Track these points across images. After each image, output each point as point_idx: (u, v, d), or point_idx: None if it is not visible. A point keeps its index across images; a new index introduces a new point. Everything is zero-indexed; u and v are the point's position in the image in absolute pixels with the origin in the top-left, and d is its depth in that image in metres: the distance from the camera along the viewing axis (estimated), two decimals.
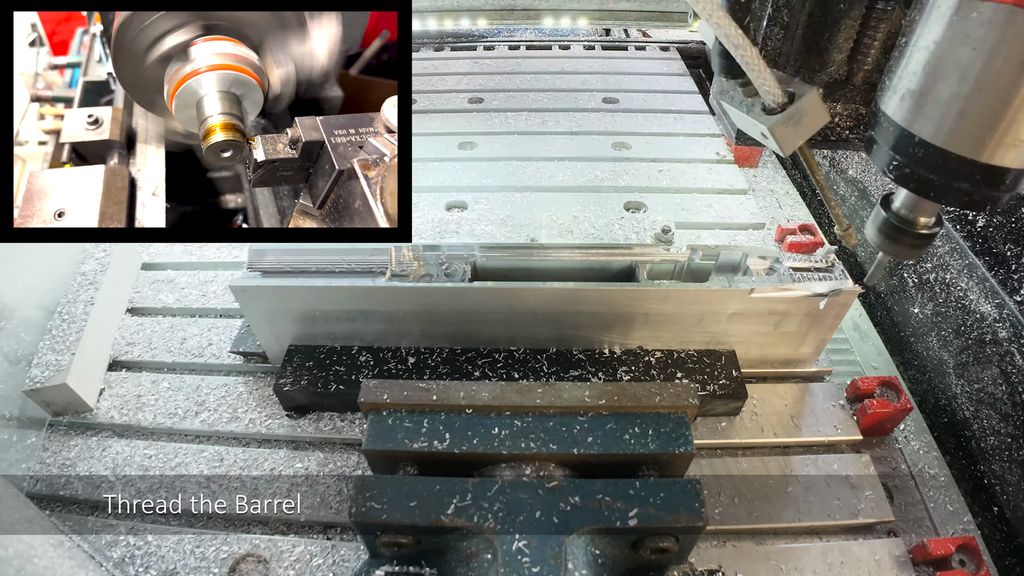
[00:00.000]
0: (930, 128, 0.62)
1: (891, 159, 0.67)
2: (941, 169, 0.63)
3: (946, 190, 0.65)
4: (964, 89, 0.58)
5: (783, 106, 0.72)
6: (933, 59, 0.60)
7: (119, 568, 0.91)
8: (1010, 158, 0.60)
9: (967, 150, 0.61)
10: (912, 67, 0.62)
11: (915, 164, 0.65)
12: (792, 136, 0.73)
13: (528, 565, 0.70)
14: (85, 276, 1.27)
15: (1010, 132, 0.58)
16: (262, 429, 1.09)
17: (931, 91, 0.61)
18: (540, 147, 1.82)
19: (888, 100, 0.66)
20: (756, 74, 0.69)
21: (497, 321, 1.06)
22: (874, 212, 0.78)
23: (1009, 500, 1.01)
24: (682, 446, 0.86)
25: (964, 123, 0.60)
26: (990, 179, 0.62)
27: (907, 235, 0.75)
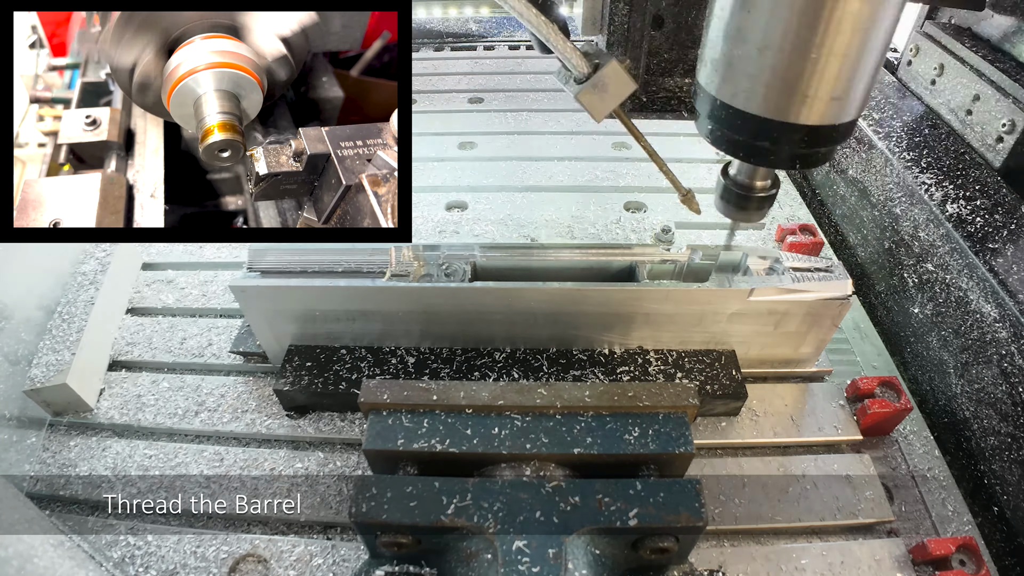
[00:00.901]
0: (729, 91, 0.65)
1: (707, 125, 0.71)
2: (746, 131, 0.66)
3: (755, 151, 0.68)
4: (749, 51, 0.61)
5: (588, 76, 0.77)
6: (722, 25, 0.63)
7: (119, 568, 0.91)
8: (803, 115, 0.62)
9: (763, 110, 0.63)
10: (711, 35, 0.65)
11: (726, 128, 0.68)
12: (600, 103, 0.79)
13: (528, 565, 0.70)
14: (85, 276, 1.27)
15: (796, 90, 0.60)
16: (262, 429, 1.09)
17: (726, 56, 0.64)
18: (540, 147, 1.82)
19: (700, 70, 0.69)
20: (559, 50, 0.74)
21: (497, 321, 1.06)
22: (716, 183, 0.82)
23: (1009, 500, 1.01)
24: (682, 446, 0.86)
25: (755, 84, 0.62)
26: (792, 137, 0.64)
27: (749, 200, 0.79)
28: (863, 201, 1.48)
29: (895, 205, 1.33)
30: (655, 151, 0.89)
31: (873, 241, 1.43)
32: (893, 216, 1.34)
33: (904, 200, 1.31)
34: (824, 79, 0.59)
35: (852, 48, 0.58)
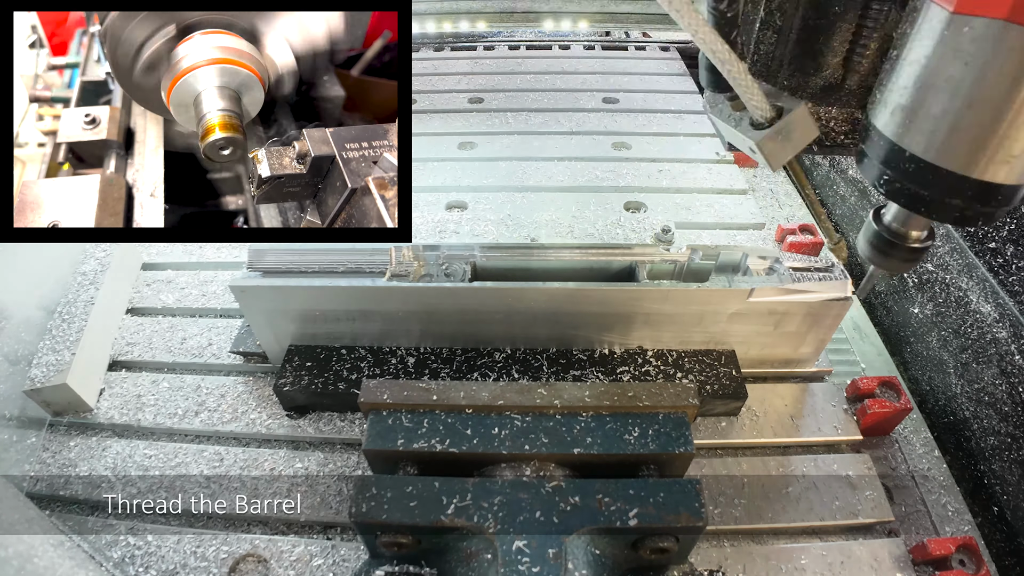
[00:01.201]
0: (921, 143, 0.61)
1: (881, 173, 0.66)
2: (932, 185, 0.62)
3: (937, 205, 0.64)
4: (955, 104, 0.57)
5: (771, 120, 0.71)
6: (923, 73, 0.59)
7: (119, 568, 0.91)
8: (1002, 174, 0.59)
9: (958, 166, 0.60)
10: (903, 81, 0.61)
11: (905, 179, 0.64)
12: (780, 151, 0.73)
13: (528, 565, 0.70)
14: (85, 276, 1.27)
15: (1002, 148, 0.57)
16: (262, 429, 1.09)
17: (922, 106, 0.60)
18: (540, 147, 1.82)
19: (879, 114, 0.65)
20: (743, 89, 0.69)
21: (497, 321, 1.06)
22: (865, 225, 0.78)
23: (1009, 500, 1.01)
24: (682, 446, 0.86)
25: (955, 139, 0.59)
26: (982, 195, 0.61)
27: (898, 249, 0.75)
28: (863, 201, 1.48)
29: None
30: (816, 199, 0.85)
31: None
32: None
33: None
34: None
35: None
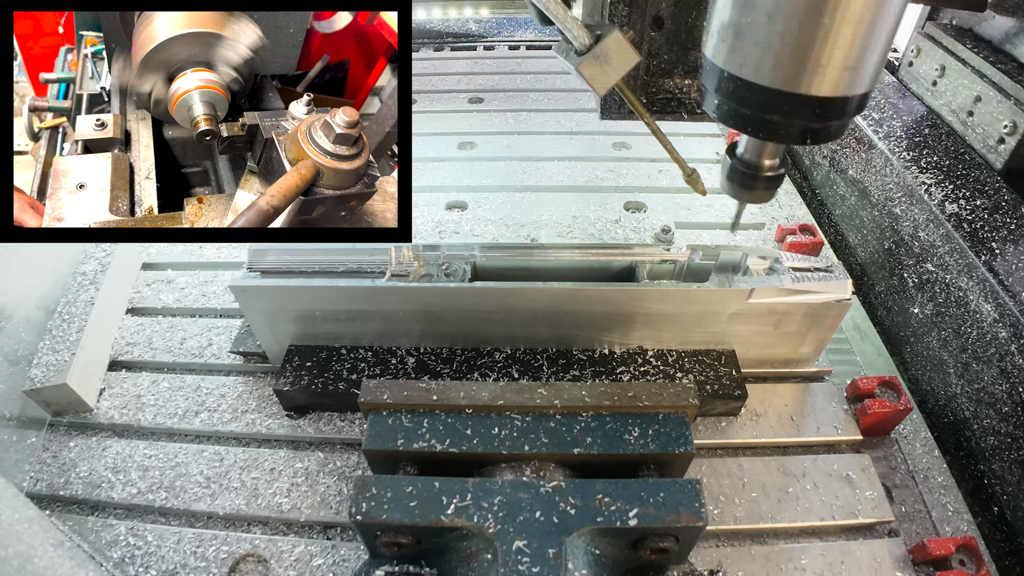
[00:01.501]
0: (737, 62, 0.63)
1: (712, 99, 0.68)
2: (754, 103, 0.63)
3: (762, 123, 0.65)
4: (759, 18, 0.58)
5: (590, 47, 0.74)
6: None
7: (119, 568, 0.91)
8: (815, 86, 0.59)
9: (773, 81, 0.60)
10: (719, 2, 0.63)
11: (733, 101, 0.65)
12: (601, 76, 0.75)
13: (528, 565, 0.70)
14: (85, 276, 1.27)
15: (808, 59, 0.57)
16: (262, 429, 1.09)
17: (734, 24, 0.61)
18: (540, 147, 1.82)
19: (706, 42, 0.67)
20: (560, 21, 0.72)
21: (497, 321, 1.06)
22: (722, 161, 0.79)
23: (1009, 500, 1.01)
24: (682, 446, 0.86)
25: (765, 53, 0.60)
26: (803, 110, 0.61)
27: (756, 180, 0.76)
28: (863, 201, 1.48)
29: (895, 205, 1.33)
30: (659, 129, 0.87)
31: (873, 241, 1.43)
32: (893, 216, 1.34)
33: (904, 200, 1.30)
34: (837, 47, 0.56)
35: (866, 14, 0.55)
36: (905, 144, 1.38)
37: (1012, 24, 1.32)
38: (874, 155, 1.42)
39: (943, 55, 1.43)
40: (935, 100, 1.46)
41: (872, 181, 1.43)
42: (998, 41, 1.36)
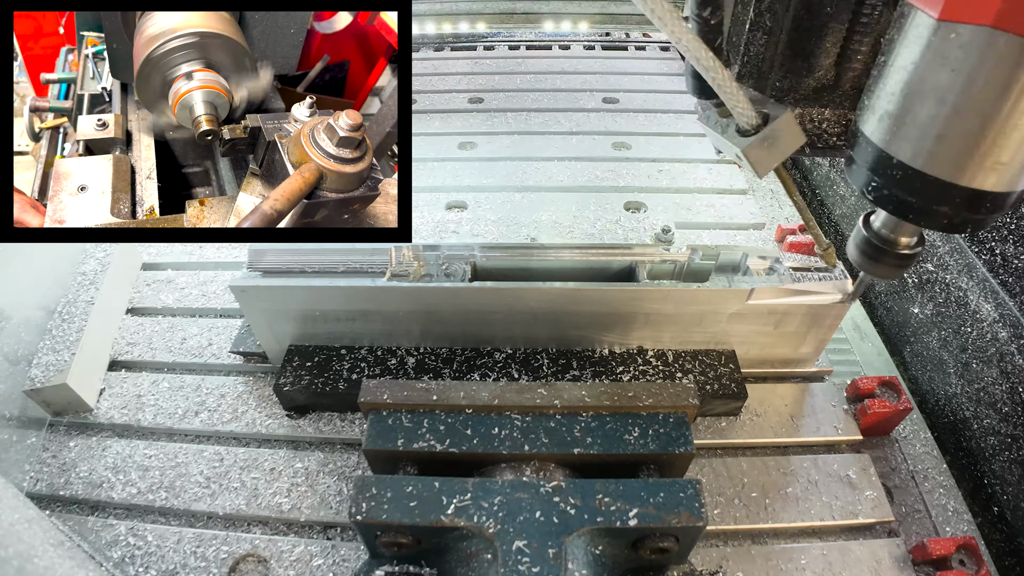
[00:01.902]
0: (908, 150, 0.61)
1: (869, 180, 0.66)
2: (920, 192, 0.62)
3: (925, 212, 0.64)
4: (942, 112, 0.57)
5: (757, 128, 0.71)
6: (910, 80, 0.58)
7: (119, 568, 0.91)
8: (991, 182, 0.59)
9: (946, 173, 0.59)
10: (890, 88, 0.61)
11: (893, 186, 0.64)
12: (767, 158, 0.72)
13: (528, 565, 0.70)
14: (85, 276, 1.27)
15: (990, 156, 0.57)
16: (262, 429, 1.09)
17: (909, 113, 0.59)
18: (540, 147, 1.82)
19: (867, 120, 0.65)
20: (728, 96, 0.68)
21: (497, 321, 1.06)
22: (855, 231, 0.77)
23: (1009, 500, 1.01)
24: (682, 446, 0.86)
25: (943, 146, 0.58)
26: (970, 202, 0.61)
27: (888, 255, 0.75)
28: (863, 201, 1.48)
29: None
30: (806, 207, 0.86)
31: None
32: None
33: None
34: (1020, 146, 0.56)
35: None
36: None
37: None
38: None
39: None
40: None
41: None
42: None
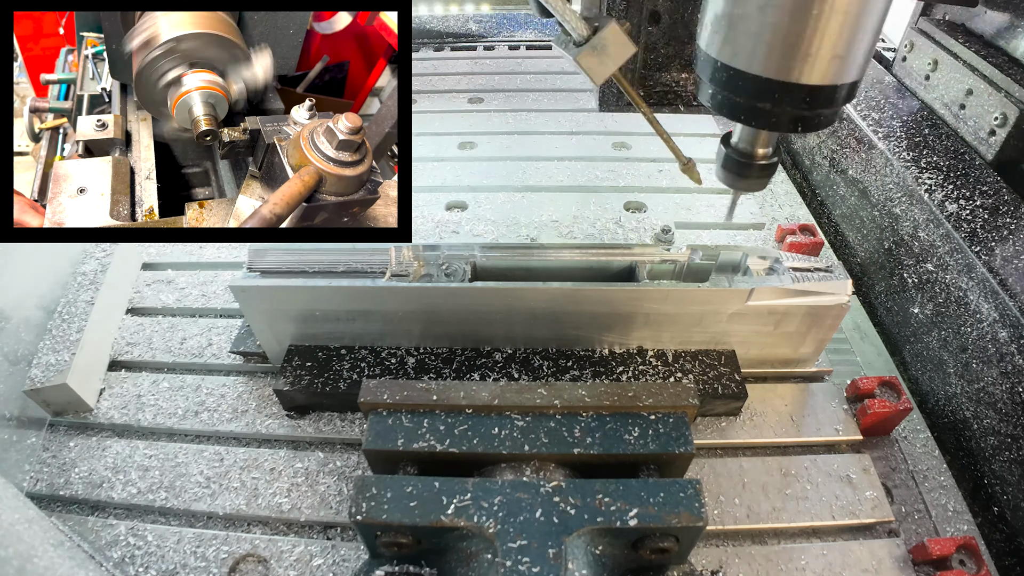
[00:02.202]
0: (729, 52, 0.64)
1: (707, 89, 0.69)
2: (746, 92, 0.65)
3: (757, 113, 0.67)
4: (751, 9, 0.60)
5: (587, 39, 0.75)
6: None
7: (119, 568, 0.91)
8: (805, 74, 0.61)
9: (764, 70, 0.62)
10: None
11: (725, 90, 0.67)
12: (599, 66, 0.76)
13: (528, 565, 0.70)
14: (85, 276, 1.27)
15: (798, 48, 0.59)
16: (262, 429, 1.09)
17: (727, 15, 0.63)
18: (540, 147, 1.82)
19: (700, 34, 0.68)
20: (558, 13, 0.74)
21: (497, 321, 1.06)
22: (717, 151, 0.81)
23: (1009, 500, 1.01)
24: (682, 446, 0.86)
25: (756, 43, 0.61)
26: (794, 98, 0.62)
27: (750, 168, 0.78)
28: (863, 201, 1.48)
29: (895, 205, 1.33)
30: (656, 119, 0.88)
31: (873, 241, 1.43)
32: (893, 216, 1.34)
33: (904, 200, 1.31)
34: (826, 37, 0.58)
35: (854, 4, 0.57)
36: (905, 144, 1.38)
37: (1003, 19, 1.33)
38: (874, 155, 1.42)
39: (935, 50, 1.43)
40: (928, 94, 1.47)
41: (872, 181, 1.44)
42: (989, 36, 1.37)
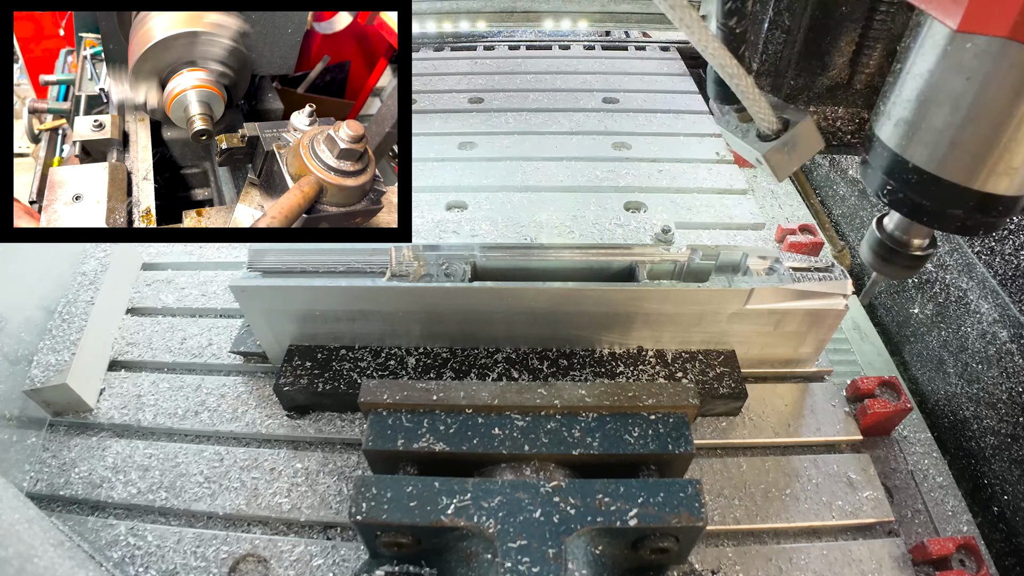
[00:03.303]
0: (923, 155, 0.63)
1: (884, 183, 0.68)
2: (933, 195, 0.64)
3: (939, 215, 0.65)
4: (957, 118, 0.58)
5: (777, 132, 0.73)
6: (926, 87, 0.60)
7: (119, 568, 0.91)
8: (1003, 186, 0.60)
9: (959, 177, 0.61)
10: (906, 94, 0.62)
11: (908, 189, 0.65)
12: (786, 162, 0.74)
13: (528, 565, 0.70)
14: (85, 276, 1.27)
15: (1002, 161, 0.59)
16: (262, 429, 1.09)
17: (924, 119, 0.61)
18: (540, 147, 1.82)
19: (882, 125, 0.66)
20: (750, 102, 0.70)
21: (497, 321, 1.06)
22: (868, 233, 0.79)
23: (1009, 500, 1.01)
24: (682, 446, 0.86)
25: (956, 151, 0.60)
26: (982, 205, 0.62)
27: (901, 256, 0.76)
28: (863, 201, 1.48)
29: None
30: (821, 209, 0.87)
31: None
32: None
33: None
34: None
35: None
36: None
37: None
38: None
39: None
40: None
41: None
42: None
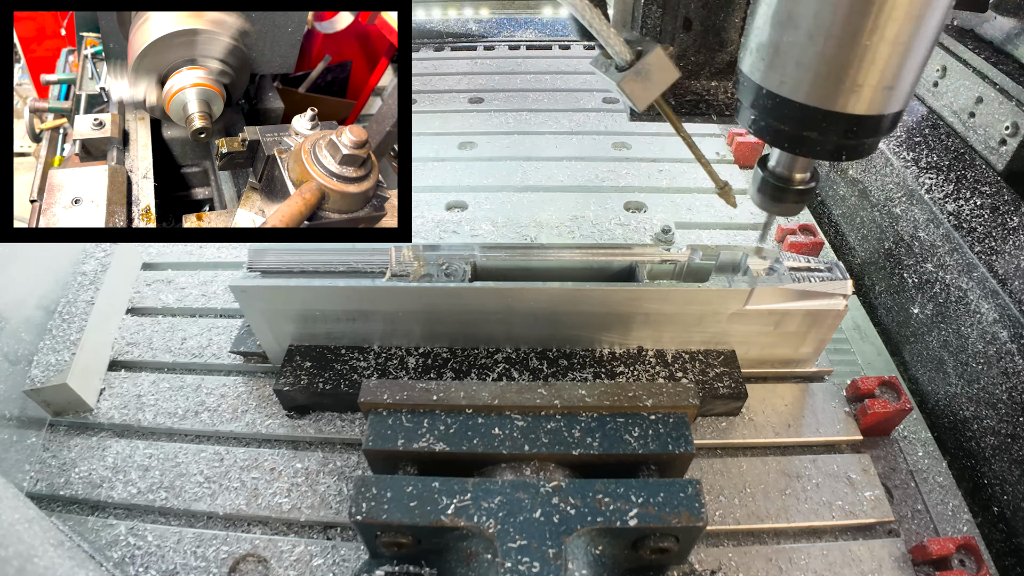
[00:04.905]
0: (775, 80, 0.64)
1: (750, 115, 0.69)
2: (791, 120, 0.64)
3: (799, 139, 0.66)
4: (799, 37, 0.59)
5: (631, 63, 0.74)
6: (770, 11, 0.61)
7: (119, 568, 0.91)
8: (854, 105, 0.61)
9: (810, 98, 0.62)
10: (758, 21, 0.63)
11: (769, 117, 0.66)
12: (642, 91, 0.75)
13: (528, 565, 0.70)
14: (85, 276, 1.27)
15: (846, 78, 0.59)
16: (262, 429, 1.09)
17: (773, 43, 0.62)
18: (540, 147, 1.82)
19: (744, 59, 0.68)
20: (602, 36, 0.72)
21: (497, 321, 1.06)
22: (753, 174, 0.80)
23: (1009, 500, 1.01)
24: (682, 446, 0.86)
25: (803, 72, 0.61)
26: (839, 127, 0.62)
27: (787, 192, 0.77)
28: (863, 201, 1.47)
29: (895, 205, 1.33)
30: (694, 143, 0.87)
31: (873, 241, 1.43)
32: (893, 216, 1.34)
33: (904, 200, 1.31)
34: (874, 67, 0.58)
35: (903, 35, 0.56)
36: (905, 144, 1.38)
37: (1013, 25, 1.32)
38: (874, 155, 1.42)
39: (944, 56, 1.43)
40: (936, 101, 1.46)
41: (872, 181, 1.43)
42: (999, 42, 1.36)
